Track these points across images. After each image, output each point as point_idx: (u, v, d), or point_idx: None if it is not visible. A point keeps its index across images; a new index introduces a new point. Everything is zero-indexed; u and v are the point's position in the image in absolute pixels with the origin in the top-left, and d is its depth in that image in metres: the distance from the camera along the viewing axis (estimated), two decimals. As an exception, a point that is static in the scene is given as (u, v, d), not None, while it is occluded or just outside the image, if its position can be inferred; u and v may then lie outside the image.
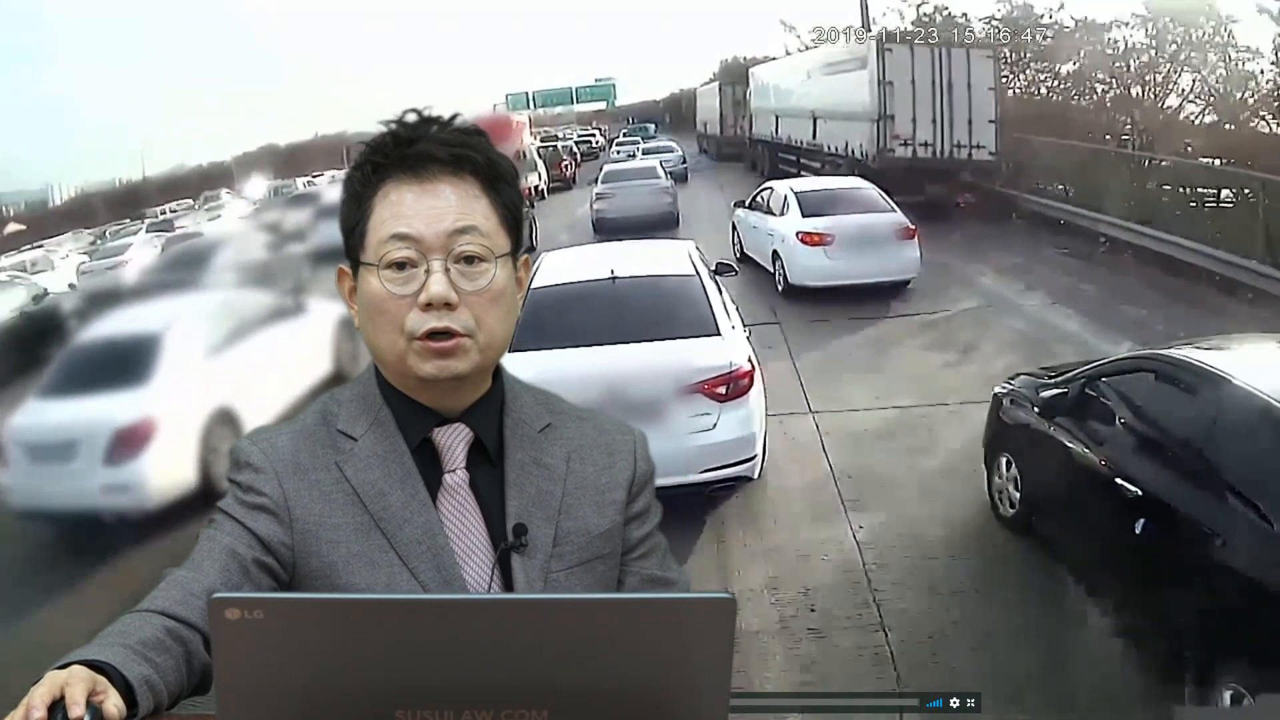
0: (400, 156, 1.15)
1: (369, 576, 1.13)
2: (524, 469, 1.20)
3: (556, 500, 1.20)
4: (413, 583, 1.13)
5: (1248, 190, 11.67)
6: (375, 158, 1.17)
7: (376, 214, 1.16)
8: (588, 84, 19.39)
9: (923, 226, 10.59)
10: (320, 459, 1.17)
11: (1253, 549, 3.44)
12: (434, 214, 1.14)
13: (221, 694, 0.89)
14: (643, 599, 1.11)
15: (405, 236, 1.13)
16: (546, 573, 1.17)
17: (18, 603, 5.26)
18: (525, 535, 1.17)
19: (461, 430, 1.19)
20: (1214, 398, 3.91)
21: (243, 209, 15.14)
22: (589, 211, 13.74)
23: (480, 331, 1.15)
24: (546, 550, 1.17)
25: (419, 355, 1.14)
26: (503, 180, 1.18)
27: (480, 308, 1.15)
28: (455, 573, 1.15)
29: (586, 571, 1.19)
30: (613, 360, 5.17)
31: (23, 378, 7.46)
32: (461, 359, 1.15)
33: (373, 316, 1.16)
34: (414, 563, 1.14)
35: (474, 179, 1.16)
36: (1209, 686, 3.38)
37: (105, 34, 15.16)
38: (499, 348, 1.19)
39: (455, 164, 1.15)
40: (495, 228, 1.17)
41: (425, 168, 1.15)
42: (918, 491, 5.85)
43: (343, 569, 1.14)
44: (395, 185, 1.15)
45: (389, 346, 1.16)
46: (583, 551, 1.19)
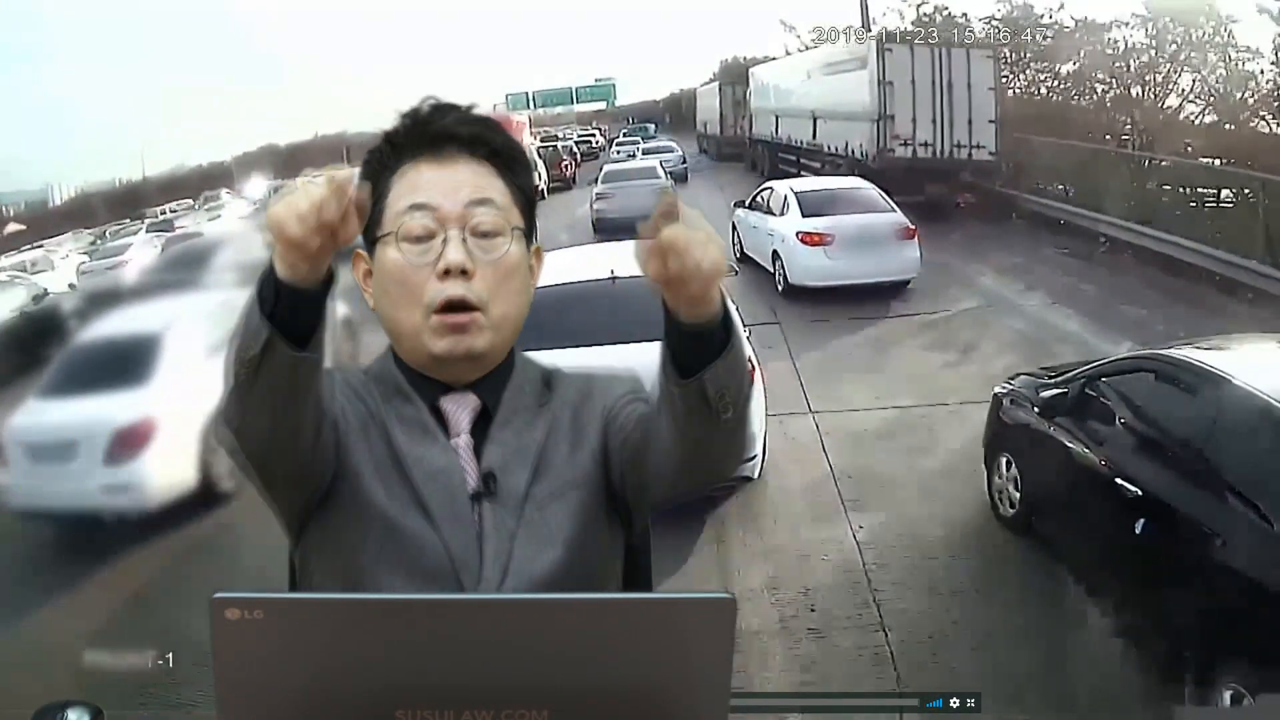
0: (419, 135, 1.19)
1: (385, 500, 1.15)
2: (509, 426, 1.21)
3: (536, 445, 1.21)
4: (421, 519, 1.15)
5: (1248, 190, 11.68)
6: (394, 137, 1.20)
7: (395, 189, 1.18)
8: (588, 84, 19.43)
9: (923, 226, 10.59)
10: (352, 400, 1.20)
11: (1253, 549, 3.44)
12: (451, 186, 1.17)
13: (221, 694, 0.89)
14: (643, 599, 1.11)
15: (423, 206, 1.16)
16: (520, 513, 1.17)
17: (18, 603, 5.26)
18: (494, 483, 1.18)
19: (468, 397, 1.21)
20: (1214, 398, 3.91)
21: (243, 209, 15.15)
22: (589, 211, 13.75)
23: (493, 305, 1.17)
24: (520, 492, 1.18)
25: (434, 332, 1.16)
26: (518, 164, 1.22)
27: (495, 280, 1.17)
28: (466, 510, 1.16)
29: (561, 505, 1.20)
30: (613, 360, 5.14)
31: (23, 378, 7.46)
32: (476, 335, 1.16)
33: (389, 289, 1.18)
34: (428, 497, 1.16)
35: (489, 161, 1.20)
36: (1209, 686, 3.38)
37: (105, 34, 15.18)
38: (513, 324, 1.21)
39: (472, 144, 1.19)
40: (510, 204, 1.20)
41: (443, 147, 1.18)
42: (918, 491, 5.85)
43: (367, 486, 1.15)
44: (414, 163, 1.18)
45: (405, 320, 1.17)
46: (556, 482, 1.20)
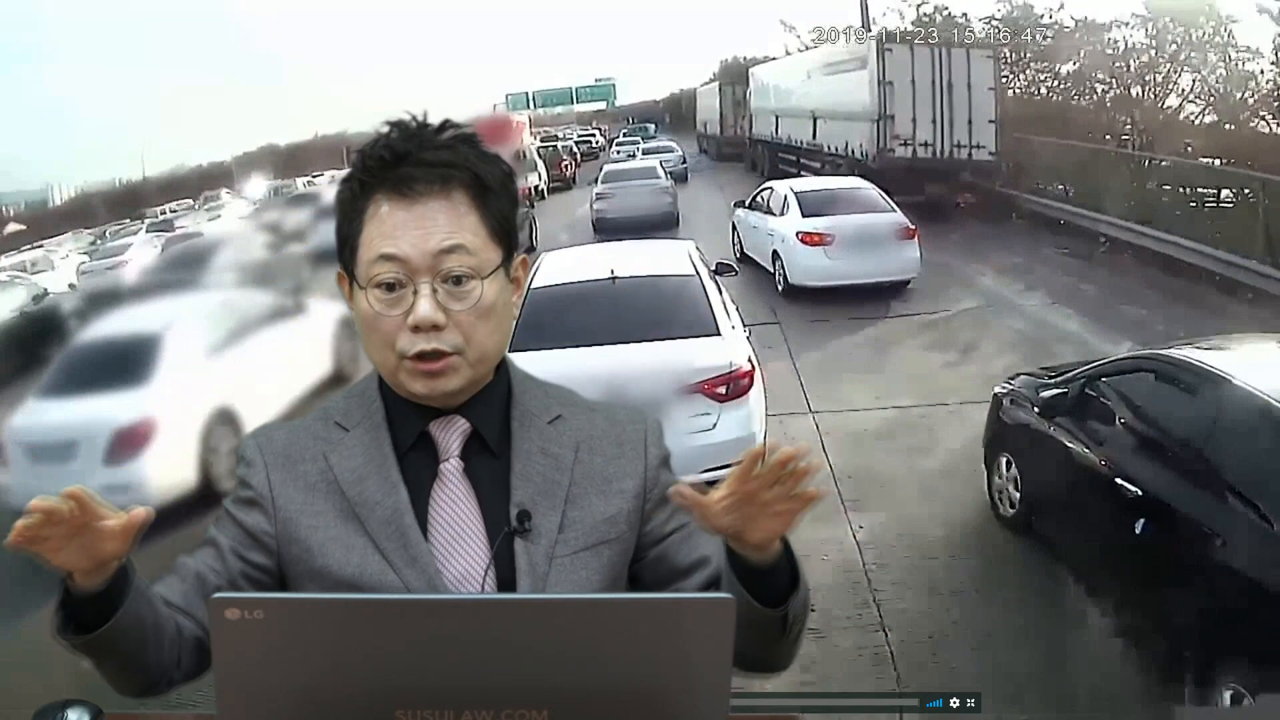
0: (384, 179, 1.16)
1: (342, 558, 1.17)
2: (530, 458, 1.21)
3: (563, 489, 1.21)
4: (382, 563, 1.16)
5: (1248, 190, 11.68)
6: (363, 176, 1.17)
7: (366, 231, 1.16)
8: (588, 84, 19.41)
9: (923, 226, 10.59)
10: (310, 450, 1.22)
11: (1253, 549, 3.44)
12: (420, 234, 1.14)
13: (221, 694, 0.89)
14: (643, 599, 1.11)
15: (392, 258, 1.14)
16: (551, 557, 1.18)
17: (18, 603, 5.25)
18: (529, 521, 1.18)
19: (458, 422, 1.21)
20: (1214, 398, 3.91)
21: (243, 209, 15.14)
22: (589, 211, 13.74)
23: (470, 349, 1.16)
24: (551, 536, 1.19)
25: (409, 374, 1.16)
26: (490, 192, 1.18)
27: (469, 326, 1.16)
28: (423, 549, 1.17)
29: (594, 556, 1.20)
30: (613, 360, 5.17)
31: (23, 378, 7.46)
32: (451, 377, 1.17)
33: (365, 333, 1.19)
34: (383, 542, 1.17)
35: (462, 194, 1.16)
36: (1209, 686, 3.37)
37: (105, 34, 15.17)
38: (491, 359, 1.20)
39: (442, 182, 1.15)
40: (484, 243, 1.17)
41: (411, 187, 1.15)
42: (918, 491, 5.85)
43: (318, 552, 1.17)
44: (385, 201, 1.16)
45: (382, 362, 1.19)
46: (588, 536, 1.20)
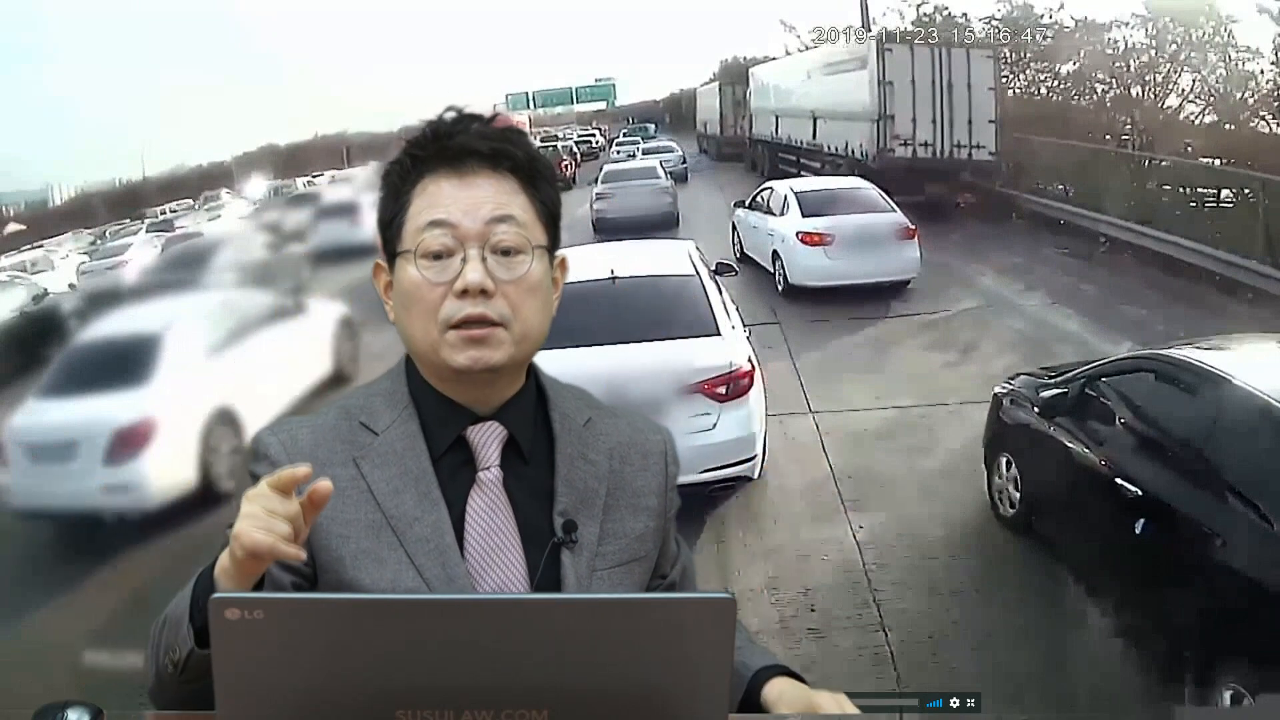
0: (440, 149, 1.16)
1: (375, 573, 1.13)
2: (573, 463, 1.20)
3: (600, 499, 1.19)
4: (418, 580, 1.13)
5: (1248, 190, 11.67)
6: (415, 150, 1.17)
7: (414, 205, 1.16)
8: (588, 84, 19.39)
9: (923, 226, 10.58)
10: (338, 454, 1.16)
11: (1253, 549, 3.44)
12: (472, 203, 1.14)
13: (221, 694, 0.89)
14: (643, 599, 1.11)
15: (443, 223, 1.13)
16: (592, 570, 1.17)
17: (18, 603, 5.26)
18: (576, 531, 1.16)
19: (495, 428, 1.18)
20: (1214, 398, 3.91)
21: (243, 209, 15.14)
22: (589, 211, 13.74)
23: (515, 321, 1.14)
24: (592, 548, 1.17)
25: (453, 346, 1.13)
26: (541, 178, 1.19)
27: (517, 297, 1.14)
28: (460, 570, 1.14)
29: (626, 573, 1.19)
30: (613, 360, 5.17)
31: (23, 378, 7.46)
32: (496, 349, 1.14)
33: (408, 305, 1.16)
34: (420, 560, 1.13)
35: (513, 175, 1.16)
36: (1209, 686, 3.38)
37: (105, 34, 15.15)
38: (534, 340, 1.18)
39: (494, 158, 1.15)
40: (533, 220, 1.17)
41: (464, 161, 1.15)
42: (918, 491, 5.85)
43: (350, 564, 1.13)
44: (434, 178, 1.15)
45: (423, 336, 1.15)
46: (623, 553, 1.19)
